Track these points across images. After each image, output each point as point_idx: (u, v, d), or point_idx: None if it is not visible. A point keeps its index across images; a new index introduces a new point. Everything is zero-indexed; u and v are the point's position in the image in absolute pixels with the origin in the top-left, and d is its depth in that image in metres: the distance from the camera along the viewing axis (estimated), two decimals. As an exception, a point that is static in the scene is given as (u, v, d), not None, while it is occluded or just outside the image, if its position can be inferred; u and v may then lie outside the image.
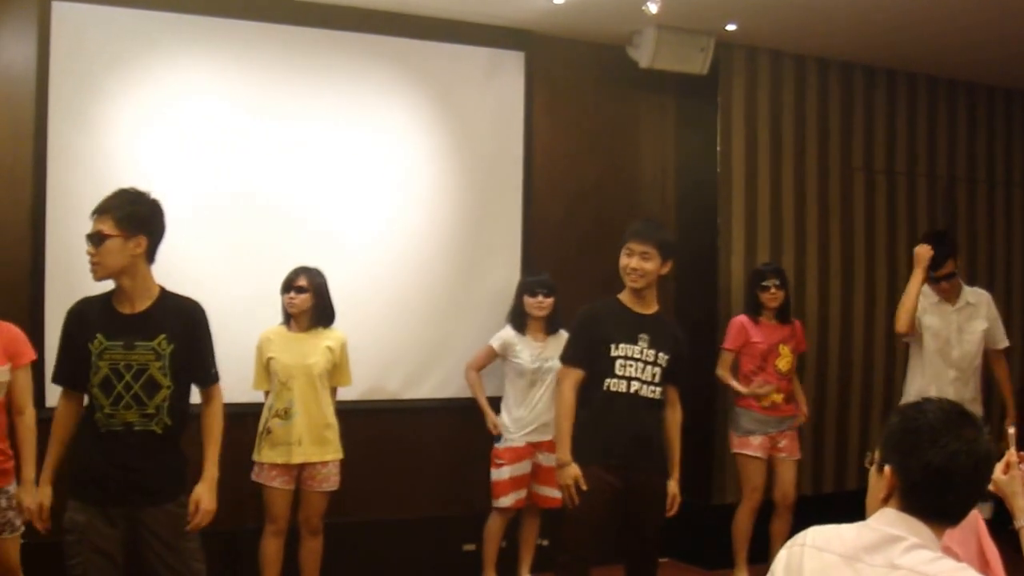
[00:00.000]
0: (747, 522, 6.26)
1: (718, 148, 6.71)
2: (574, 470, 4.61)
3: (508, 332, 6.02)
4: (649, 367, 4.69)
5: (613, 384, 4.65)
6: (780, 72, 6.93)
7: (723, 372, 6.24)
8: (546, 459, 5.82)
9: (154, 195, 3.86)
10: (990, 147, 7.83)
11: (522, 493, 5.95)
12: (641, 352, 4.67)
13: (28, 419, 4.40)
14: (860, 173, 7.22)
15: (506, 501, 5.92)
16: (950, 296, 5.84)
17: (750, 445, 6.18)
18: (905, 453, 2.13)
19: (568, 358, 4.80)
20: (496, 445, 5.98)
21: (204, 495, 3.88)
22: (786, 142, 6.94)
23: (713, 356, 6.36)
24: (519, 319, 5.99)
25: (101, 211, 3.76)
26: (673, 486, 4.80)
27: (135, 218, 3.74)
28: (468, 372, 6.10)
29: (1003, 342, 6.04)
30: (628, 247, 4.67)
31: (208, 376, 4.01)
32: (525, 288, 6.00)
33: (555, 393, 4.90)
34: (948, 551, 2.41)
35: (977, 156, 7.76)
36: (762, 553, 6.06)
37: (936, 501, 2.12)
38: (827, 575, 2.14)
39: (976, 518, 2.72)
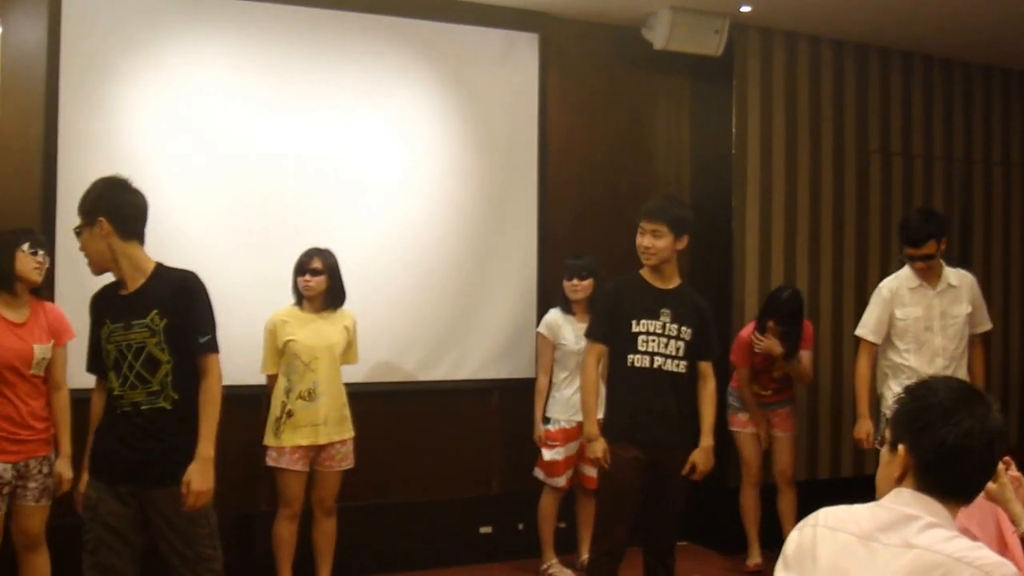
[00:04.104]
0: (750, 500, 6.31)
1: (733, 130, 6.68)
2: (603, 443, 4.70)
3: (553, 315, 6.00)
4: (672, 341, 4.73)
5: (636, 360, 4.71)
6: (795, 54, 6.90)
7: (742, 386, 6.25)
8: None
9: (114, 174, 3.90)
10: (1006, 129, 7.78)
11: (570, 472, 5.93)
12: (663, 327, 4.72)
13: (64, 395, 4.62)
14: (876, 155, 7.18)
15: (562, 480, 5.90)
16: (930, 278, 5.41)
17: (737, 420, 6.30)
18: (918, 432, 2.13)
19: (592, 334, 4.89)
20: (547, 427, 5.91)
21: (194, 476, 3.70)
22: (801, 124, 6.91)
23: (726, 337, 6.31)
24: (565, 302, 5.98)
25: (78, 208, 3.86)
26: (697, 454, 4.75)
27: (87, 203, 3.81)
28: (539, 378, 6.00)
29: (985, 325, 5.61)
30: (641, 226, 4.76)
31: (197, 345, 3.78)
32: (564, 271, 5.97)
33: (580, 368, 5.05)
34: (966, 532, 2.40)
35: (993, 138, 7.72)
36: (777, 535, 6.05)
37: (951, 479, 2.12)
38: (841, 555, 2.13)
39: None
